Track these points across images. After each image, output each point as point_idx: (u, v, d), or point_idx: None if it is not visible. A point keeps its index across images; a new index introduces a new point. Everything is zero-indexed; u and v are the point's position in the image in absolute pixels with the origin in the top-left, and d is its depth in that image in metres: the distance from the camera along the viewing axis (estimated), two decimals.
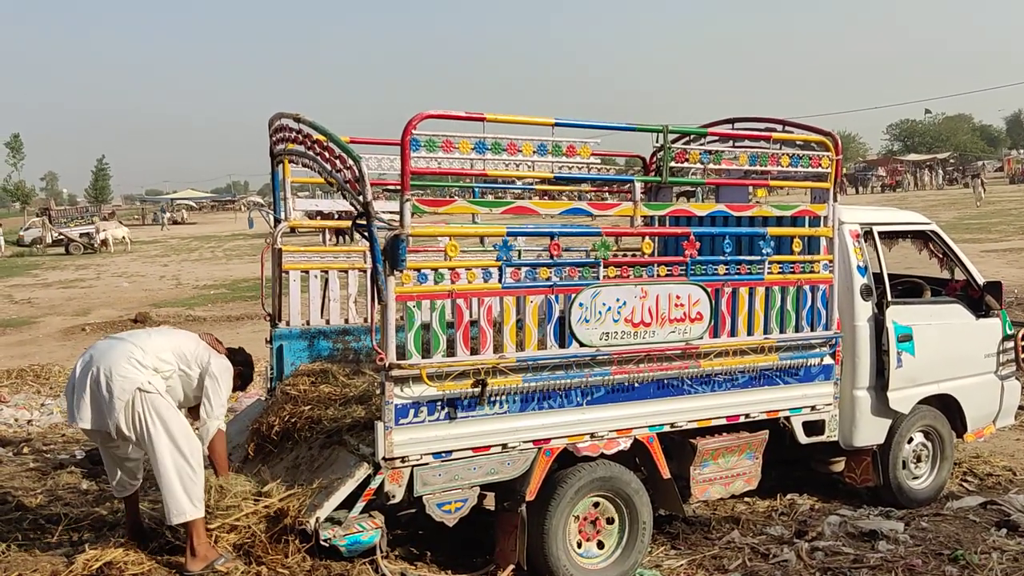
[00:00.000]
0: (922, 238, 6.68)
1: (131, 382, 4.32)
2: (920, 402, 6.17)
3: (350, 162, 4.37)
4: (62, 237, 40.07)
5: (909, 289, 6.76)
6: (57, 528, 5.07)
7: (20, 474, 6.69)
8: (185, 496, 4.30)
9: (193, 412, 4.72)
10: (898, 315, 5.95)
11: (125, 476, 4.65)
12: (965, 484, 6.75)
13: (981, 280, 6.53)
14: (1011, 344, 6.66)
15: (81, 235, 39.74)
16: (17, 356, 13.37)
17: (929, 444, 6.37)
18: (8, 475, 6.67)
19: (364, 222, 4.24)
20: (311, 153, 4.84)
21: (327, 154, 4.63)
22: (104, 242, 38.67)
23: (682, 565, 5.24)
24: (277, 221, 5.88)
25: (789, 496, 6.36)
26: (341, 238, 6.53)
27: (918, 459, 6.32)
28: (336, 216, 6.57)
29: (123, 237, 40.09)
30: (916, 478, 6.32)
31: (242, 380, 4.98)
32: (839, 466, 6.34)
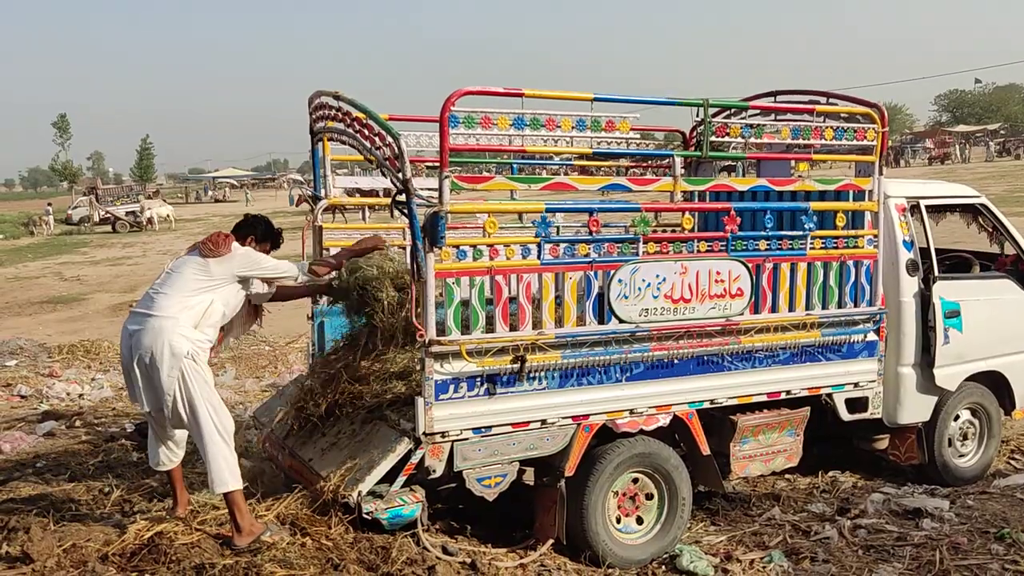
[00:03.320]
0: (971, 212, 6.52)
1: (177, 358, 4.38)
2: (967, 379, 6.06)
3: (389, 139, 4.38)
4: (109, 215, 40.93)
5: (957, 264, 6.61)
6: (109, 499, 5.21)
7: (73, 446, 6.89)
8: (226, 466, 4.38)
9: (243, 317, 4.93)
10: (945, 290, 5.83)
11: (167, 451, 4.75)
12: (1013, 462, 6.64)
13: None
14: None
15: (127, 213, 40.55)
16: (68, 332, 13.74)
17: (976, 422, 6.27)
18: (62, 447, 6.88)
19: (403, 199, 4.26)
20: (350, 130, 4.86)
21: (366, 131, 4.65)
22: (149, 220, 39.43)
23: (721, 541, 5.24)
24: (317, 199, 5.92)
25: (831, 473, 6.31)
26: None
27: (964, 437, 6.22)
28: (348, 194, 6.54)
29: (167, 215, 40.79)
30: (962, 456, 6.22)
31: (272, 239, 4.94)
32: (883, 443, 6.26)
